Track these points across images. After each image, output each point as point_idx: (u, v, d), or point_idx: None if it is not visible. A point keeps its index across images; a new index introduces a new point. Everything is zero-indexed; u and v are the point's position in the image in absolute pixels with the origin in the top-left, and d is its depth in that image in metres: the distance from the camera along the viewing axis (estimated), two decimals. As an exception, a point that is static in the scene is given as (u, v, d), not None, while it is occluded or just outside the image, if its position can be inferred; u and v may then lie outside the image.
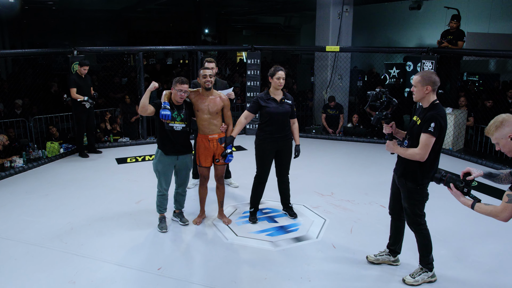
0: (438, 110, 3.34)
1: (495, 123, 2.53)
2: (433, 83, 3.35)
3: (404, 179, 3.52)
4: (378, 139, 8.68)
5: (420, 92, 3.39)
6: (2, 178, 6.34)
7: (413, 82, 3.43)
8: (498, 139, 2.54)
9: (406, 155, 3.41)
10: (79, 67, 7.30)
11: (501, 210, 2.49)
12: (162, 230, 4.61)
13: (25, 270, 3.85)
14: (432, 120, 3.27)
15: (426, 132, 3.28)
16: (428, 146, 3.30)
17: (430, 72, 3.42)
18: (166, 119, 4.29)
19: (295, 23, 19.71)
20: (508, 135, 2.49)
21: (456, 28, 7.95)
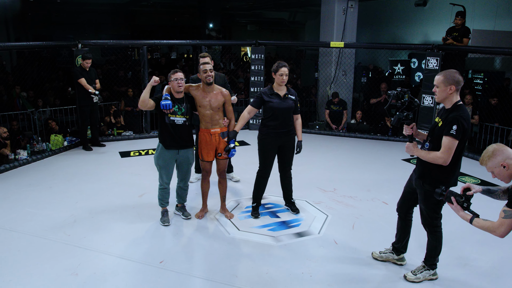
0: (461, 112, 3.23)
1: (487, 153, 2.66)
2: (457, 82, 3.23)
3: (422, 181, 3.44)
4: (382, 136, 8.67)
5: (443, 92, 3.27)
6: (7, 170, 6.38)
7: (436, 82, 3.30)
8: (492, 168, 2.66)
9: (428, 158, 3.31)
10: (82, 60, 7.32)
11: (498, 225, 2.57)
12: (165, 224, 4.63)
13: (28, 262, 3.88)
14: (454, 123, 3.17)
15: (448, 135, 3.18)
16: (451, 150, 3.19)
17: (453, 71, 3.27)
18: (166, 108, 4.27)
19: (300, 18, 19.63)
20: (501, 163, 2.60)
21: (461, 25, 7.90)
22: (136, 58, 13.98)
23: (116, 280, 3.60)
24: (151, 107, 4.35)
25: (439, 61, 7.74)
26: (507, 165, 2.59)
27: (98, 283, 3.56)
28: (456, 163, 3.33)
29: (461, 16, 7.89)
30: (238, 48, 19.34)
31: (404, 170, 6.58)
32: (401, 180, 6.05)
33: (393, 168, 6.76)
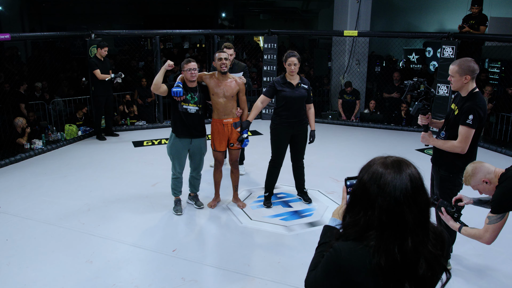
0: (477, 100, 3.22)
1: (467, 173, 2.76)
2: (472, 71, 3.21)
3: (438, 166, 3.48)
4: (395, 126, 8.58)
5: (458, 82, 3.26)
6: (22, 159, 6.47)
7: (450, 71, 3.29)
8: (476, 186, 2.75)
9: (445, 147, 3.33)
10: (98, 49, 7.36)
11: (483, 232, 2.66)
12: (177, 213, 4.66)
13: (44, 249, 3.94)
14: (470, 112, 3.17)
15: (465, 124, 3.19)
16: (468, 139, 3.22)
17: (468, 60, 3.24)
18: (177, 96, 4.27)
19: (313, 7, 19.41)
20: (482, 179, 2.69)
21: (478, 12, 7.73)
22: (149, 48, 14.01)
23: (130, 268, 3.65)
24: (164, 92, 4.35)
25: (455, 50, 7.60)
26: (488, 180, 2.68)
27: (112, 270, 3.61)
28: (473, 150, 3.35)
29: (478, 4, 7.71)
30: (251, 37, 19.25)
31: (418, 160, 6.45)
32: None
33: (407, 158, 6.67)
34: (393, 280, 1.34)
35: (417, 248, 1.34)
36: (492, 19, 9.43)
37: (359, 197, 1.41)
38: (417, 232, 1.35)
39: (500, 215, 2.59)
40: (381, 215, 1.34)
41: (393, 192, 1.33)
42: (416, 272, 1.35)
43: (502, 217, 2.60)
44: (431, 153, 3.66)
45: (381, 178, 1.36)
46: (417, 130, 8.19)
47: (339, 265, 1.40)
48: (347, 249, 1.39)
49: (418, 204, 1.35)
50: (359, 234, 1.38)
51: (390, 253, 1.33)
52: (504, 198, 2.57)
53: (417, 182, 1.37)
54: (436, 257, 1.38)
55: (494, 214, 2.61)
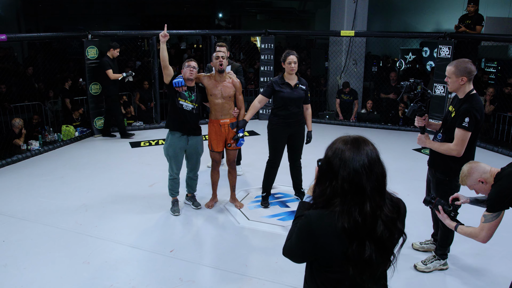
0: (474, 103, 3.20)
1: (463, 174, 2.77)
2: (468, 73, 3.20)
3: (434, 169, 3.47)
4: (392, 125, 8.60)
5: (455, 83, 3.25)
6: (19, 160, 6.46)
7: (447, 72, 3.28)
8: (472, 186, 2.77)
9: (441, 150, 3.32)
10: (111, 49, 7.46)
11: (479, 230, 2.67)
12: (175, 214, 4.66)
13: (41, 250, 3.94)
14: (467, 115, 3.16)
15: (461, 127, 3.18)
16: (464, 142, 3.21)
17: (465, 61, 3.23)
18: (178, 85, 4.30)
19: (310, 7, 19.44)
20: (478, 179, 2.71)
21: (474, 12, 7.75)
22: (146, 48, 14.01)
23: (127, 269, 3.64)
24: (170, 73, 4.37)
25: (451, 50, 7.63)
26: (484, 179, 2.69)
27: (109, 271, 3.61)
28: (470, 152, 3.33)
29: (474, 3, 7.74)
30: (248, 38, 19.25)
31: (415, 160, 6.53)
32: (412, 170, 6.04)
33: (404, 158, 6.71)
34: (355, 239, 1.56)
35: (374, 211, 1.56)
36: (488, 19, 9.46)
37: (325, 171, 1.64)
38: (374, 197, 1.57)
39: (496, 214, 2.61)
40: (343, 184, 1.56)
41: (352, 164, 1.56)
42: (375, 232, 1.57)
43: (497, 215, 2.61)
44: (428, 153, 3.66)
45: (342, 153, 1.59)
46: (414, 130, 8.21)
47: (310, 230, 1.62)
48: (317, 215, 1.61)
49: (374, 174, 1.58)
50: (326, 202, 1.61)
51: (351, 216, 1.55)
52: (499, 196, 2.59)
53: (373, 155, 1.60)
54: (392, 220, 1.61)
55: (489, 213, 2.62)
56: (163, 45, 4.33)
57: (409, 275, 3.62)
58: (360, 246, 1.57)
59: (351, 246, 1.57)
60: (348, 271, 1.59)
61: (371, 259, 1.58)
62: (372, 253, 1.57)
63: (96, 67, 7.67)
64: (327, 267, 1.66)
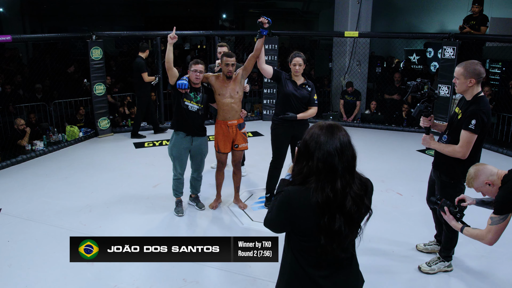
0: (481, 105, 3.16)
1: (470, 176, 2.76)
2: (477, 75, 3.16)
3: (439, 171, 3.43)
4: (396, 126, 8.58)
5: (463, 85, 3.21)
6: (24, 160, 6.48)
7: (456, 74, 3.25)
8: (479, 189, 2.75)
9: (445, 152, 3.29)
10: (147, 51, 7.65)
11: (485, 233, 2.66)
12: (178, 214, 4.66)
13: (45, 250, 3.95)
14: (474, 117, 3.12)
15: (467, 129, 3.14)
16: (470, 144, 3.17)
17: (474, 63, 3.20)
18: (182, 88, 4.29)
19: (314, 8, 19.42)
20: (485, 182, 2.69)
21: (479, 12, 7.72)
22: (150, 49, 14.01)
23: (131, 269, 3.64)
24: (174, 74, 4.35)
25: (456, 51, 7.60)
26: (491, 182, 2.67)
27: (113, 272, 3.61)
28: (475, 155, 3.30)
29: (478, 4, 7.71)
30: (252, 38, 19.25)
31: (419, 161, 6.51)
32: (416, 171, 6.02)
33: (408, 159, 6.69)
34: (327, 212, 1.79)
35: (344, 188, 1.79)
36: (493, 20, 9.44)
37: (303, 152, 1.86)
38: (345, 176, 1.80)
39: (503, 216, 2.59)
40: (318, 164, 1.79)
41: (326, 146, 1.79)
42: (344, 207, 1.80)
43: (504, 218, 2.59)
44: (432, 153, 3.64)
45: (318, 137, 1.81)
46: (418, 131, 8.18)
47: (288, 203, 1.85)
48: (295, 191, 1.84)
49: (345, 156, 1.81)
50: (303, 179, 1.84)
51: (324, 192, 1.78)
52: (507, 199, 2.57)
53: (344, 140, 1.82)
54: (360, 196, 1.84)
55: (497, 215, 2.61)
56: (170, 47, 4.32)
57: (413, 276, 3.61)
58: (331, 219, 1.79)
59: (323, 218, 1.79)
60: (320, 240, 1.81)
61: (340, 230, 1.80)
62: (342, 224, 1.80)
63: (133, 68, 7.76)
64: (302, 236, 1.88)
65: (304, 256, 1.90)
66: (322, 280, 1.89)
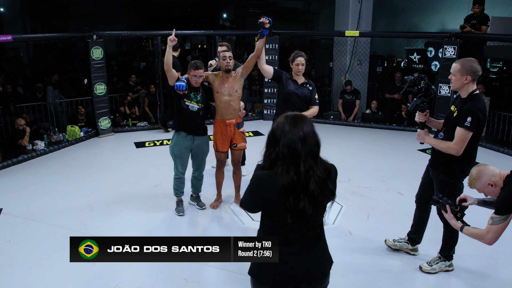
0: (477, 102, 3.17)
1: (472, 176, 2.76)
2: (473, 72, 3.16)
3: (438, 171, 3.42)
4: (397, 126, 8.57)
5: (458, 81, 3.22)
6: (25, 160, 6.48)
7: (452, 70, 3.25)
8: (481, 189, 2.75)
9: (440, 148, 3.30)
10: (179, 50, 7.63)
11: (485, 232, 2.66)
12: (179, 214, 4.66)
13: (46, 250, 3.95)
14: (469, 114, 3.13)
15: (462, 126, 3.15)
16: (464, 141, 3.17)
17: (471, 60, 3.20)
18: (180, 89, 4.27)
19: (314, 7, 19.43)
20: (487, 183, 2.69)
21: (479, 12, 7.71)
22: (151, 49, 14.03)
23: (132, 269, 3.65)
24: (173, 76, 4.35)
25: (457, 50, 7.59)
26: (494, 182, 2.67)
27: (114, 271, 3.61)
28: (472, 153, 3.31)
29: (479, 4, 7.70)
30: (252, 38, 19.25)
31: (420, 160, 6.51)
32: (417, 170, 6.00)
33: (408, 158, 6.68)
34: (292, 194, 1.97)
35: (308, 172, 1.97)
36: (494, 19, 9.42)
37: (271, 139, 2.05)
38: (308, 161, 1.98)
39: (504, 217, 2.59)
40: (283, 149, 1.98)
41: (289, 134, 1.97)
42: (308, 188, 1.97)
43: (505, 218, 2.59)
44: None
45: (283, 126, 2.00)
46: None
47: (258, 186, 2.05)
48: (264, 174, 2.04)
49: (308, 143, 1.99)
50: (271, 164, 2.03)
51: (289, 174, 1.97)
52: (508, 199, 2.57)
53: (307, 129, 2.00)
54: (323, 180, 2.02)
55: (498, 215, 2.61)
56: (169, 49, 4.30)
57: (414, 276, 3.61)
58: (296, 199, 1.97)
59: (289, 199, 1.98)
60: (287, 219, 2.00)
61: (304, 209, 1.98)
62: (306, 204, 1.98)
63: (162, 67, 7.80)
64: (272, 216, 2.08)
65: (275, 235, 2.10)
66: (290, 257, 2.08)
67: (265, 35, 4.30)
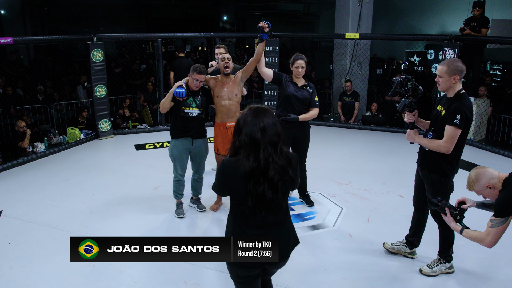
0: (464, 101, 3.22)
1: (471, 179, 2.76)
2: (460, 72, 3.22)
3: (428, 171, 3.44)
4: (397, 128, 8.57)
5: (446, 82, 3.26)
6: (25, 162, 6.48)
7: (438, 72, 3.29)
8: (480, 192, 2.76)
9: (430, 147, 3.33)
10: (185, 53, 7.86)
11: (485, 235, 2.67)
12: (179, 216, 4.66)
13: (46, 252, 3.95)
14: (458, 112, 3.17)
15: (452, 124, 3.18)
16: (454, 139, 3.21)
17: (456, 61, 3.26)
18: (180, 96, 4.24)
19: (315, 10, 19.46)
20: (486, 185, 2.70)
21: (479, 15, 7.72)
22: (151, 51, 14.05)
23: (132, 271, 3.64)
24: (169, 104, 4.36)
25: (457, 52, 7.60)
26: (492, 185, 2.68)
27: (114, 274, 3.61)
28: (460, 150, 3.36)
29: (479, 7, 7.71)
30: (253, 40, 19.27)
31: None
32: (417, 173, 6.01)
33: (409, 160, 6.64)
34: (253, 179, 2.17)
35: (267, 159, 2.17)
36: (494, 21, 9.44)
37: (236, 129, 2.25)
38: (268, 149, 2.18)
39: (503, 219, 2.59)
40: (245, 138, 2.18)
41: (251, 124, 2.18)
42: (267, 174, 2.17)
43: (504, 221, 2.60)
44: None
45: (246, 117, 2.21)
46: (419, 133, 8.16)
47: (223, 171, 2.25)
48: (228, 161, 2.24)
49: (268, 133, 2.19)
50: (236, 152, 2.23)
51: (249, 161, 2.16)
52: (507, 202, 2.57)
53: (268, 121, 2.20)
54: (283, 167, 2.21)
55: (497, 218, 2.61)
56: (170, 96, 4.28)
57: (413, 277, 3.60)
58: (256, 184, 2.17)
59: (249, 183, 2.17)
60: (248, 202, 2.19)
61: (264, 194, 2.17)
62: (265, 189, 2.17)
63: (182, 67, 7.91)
64: (236, 199, 2.28)
65: (240, 217, 2.29)
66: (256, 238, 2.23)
67: (264, 39, 4.31)
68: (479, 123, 7.64)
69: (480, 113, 7.56)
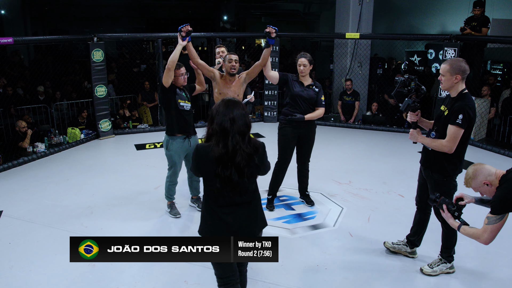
0: (467, 101, 3.23)
1: (468, 175, 2.77)
2: (463, 71, 3.22)
3: (430, 170, 3.44)
4: (398, 128, 8.57)
5: (449, 81, 3.27)
6: (25, 162, 6.48)
7: (441, 71, 3.30)
8: (477, 188, 2.76)
9: (433, 146, 3.33)
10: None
11: (482, 232, 2.67)
12: (176, 216, 4.66)
13: (46, 252, 3.95)
14: (461, 112, 3.17)
15: (454, 124, 3.19)
16: (457, 139, 3.22)
17: (459, 60, 3.27)
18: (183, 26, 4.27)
19: (315, 9, 19.45)
20: (483, 182, 2.71)
21: (480, 14, 7.71)
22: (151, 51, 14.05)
23: (133, 271, 3.64)
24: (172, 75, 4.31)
25: (457, 52, 7.59)
26: (489, 182, 2.68)
27: (115, 274, 3.61)
28: (463, 150, 3.35)
29: (479, 6, 7.70)
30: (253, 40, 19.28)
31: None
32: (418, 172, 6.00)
33: (409, 160, 6.67)
34: (221, 163, 2.39)
35: (235, 146, 2.37)
36: (494, 21, 9.43)
37: (210, 119, 2.46)
38: (236, 137, 2.38)
39: (500, 216, 2.60)
40: (216, 127, 2.39)
41: (222, 114, 2.39)
42: (234, 160, 2.38)
43: (501, 218, 2.60)
44: None
45: (218, 107, 2.42)
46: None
47: (197, 156, 2.48)
48: (202, 146, 2.46)
49: (237, 123, 2.38)
50: (208, 138, 2.46)
51: (219, 147, 2.38)
52: (504, 199, 2.57)
53: (238, 112, 2.40)
54: (249, 154, 2.42)
55: (493, 215, 2.61)
56: (180, 47, 4.21)
57: (414, 277, 3.60)
58: (224, 168, 2.39)
59: (218, 167, 2.39)
60: (217, 184, 2.42)
61: (231, 177, 2.40)
62: (232, 173, 2.39)
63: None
64: (207, 181, 2.51)
65: (211, 198, 2.52)
66: (225, 216, 2.50)
67: (271, 44, 4.31)
68: (480, 122, 7.63)
69: (481, 113, 7.55)
